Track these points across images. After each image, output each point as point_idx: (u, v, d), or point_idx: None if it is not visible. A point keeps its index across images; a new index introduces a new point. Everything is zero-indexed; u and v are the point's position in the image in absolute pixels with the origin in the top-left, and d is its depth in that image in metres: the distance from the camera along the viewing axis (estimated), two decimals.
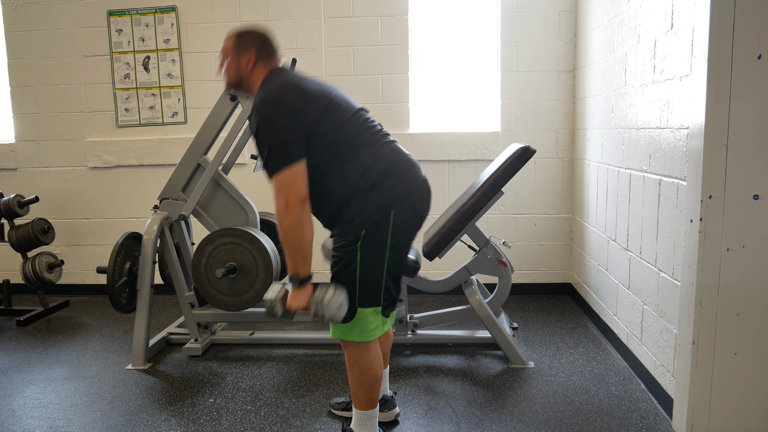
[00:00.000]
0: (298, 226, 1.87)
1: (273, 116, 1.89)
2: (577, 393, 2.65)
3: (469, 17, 4.11)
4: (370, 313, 2.01)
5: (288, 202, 1.86)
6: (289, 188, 1.87)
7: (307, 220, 1.90)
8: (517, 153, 2.85)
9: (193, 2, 4.13)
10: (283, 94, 1.92)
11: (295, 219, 1.86)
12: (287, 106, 1.89)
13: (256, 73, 2.08)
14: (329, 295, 1.90)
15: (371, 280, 1.98)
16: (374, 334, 2.04)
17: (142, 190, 4.30)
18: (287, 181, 1.87)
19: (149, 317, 3.07)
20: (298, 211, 1.87)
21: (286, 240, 1.90)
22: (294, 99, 1.91)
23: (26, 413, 2.58)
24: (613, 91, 3.16)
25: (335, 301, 1.90)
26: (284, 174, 1.87)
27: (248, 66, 2.07)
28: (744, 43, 1.98)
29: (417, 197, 2.04)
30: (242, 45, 2.07)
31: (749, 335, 2.11)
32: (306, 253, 1.91)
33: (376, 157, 1.97)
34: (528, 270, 4.18)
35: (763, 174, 2.03)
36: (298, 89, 1.95)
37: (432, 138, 4.07)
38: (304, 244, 1.89)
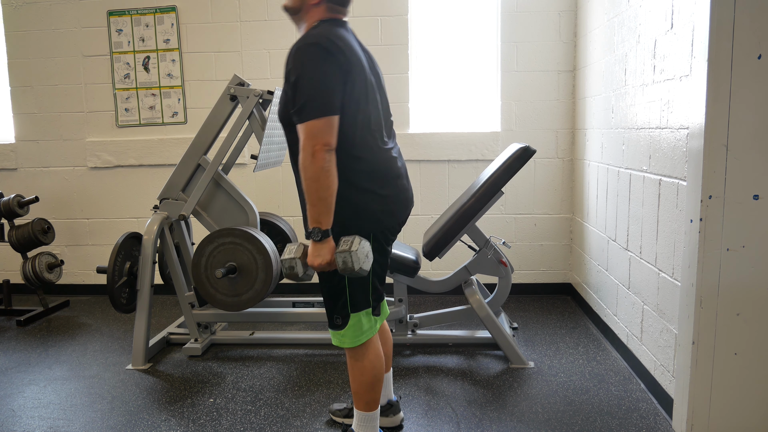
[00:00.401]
0: (324, 173, 1.77)
1: (318, 59, 1.78)
2: (577, 393, 2.65)
3: (469, 17, 4.11)
4: (362, 315, 2.01)
5: (315, 149, 1.76)
6: (318, 137, 1.76)
7: (333, 170, 1.79)
8: (517, 153, 2.85)
9: (193, 2, 4.13)
10: (332, 41, 1.81)
11: (321, 166, 1.76)
12: (340, 58, 1.80)
13: (316, 10, 1.94)
14: (356, 244, 1.80)
15: (359, 286, 1.97)
16: (369, 334, 2.04)
17: (142, 190, 4.31)
18: (318, 129, 1.76)
19: (149, 317, 3.07)
20: (325, 159, 1.76)
21: (310, 189, 1.79)
22: (343, 53, 1.81)
23: (26, 413, 2.58)
24: (613, 91, 3.16)
25: (362, 250, 1.81)
26: (318, 122, 1.76)
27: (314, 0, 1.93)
28: (744, 43, 1.98)
29: (397, 207, 2.01)
30: None
31: (749, 335, 2.11)
32: (330, 203, 1.80)
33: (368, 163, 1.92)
34: (528, 270, 4.18)
35: (763, 174, 2.03)
36: (350, 49, 1.85)
37: (432, 138, 4.08)
38: (329, 192, 1.79)
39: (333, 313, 2.01)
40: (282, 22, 4.09)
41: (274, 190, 4.24)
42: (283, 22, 4.09)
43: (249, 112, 3.03)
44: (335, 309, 2.00)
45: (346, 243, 1.81)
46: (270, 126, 2.97)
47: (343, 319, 1.99)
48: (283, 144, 3.25)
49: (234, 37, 4.13)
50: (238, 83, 3.03)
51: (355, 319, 2.00)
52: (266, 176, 4.21)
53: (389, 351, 2.34)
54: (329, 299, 2.01)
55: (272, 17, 4.09)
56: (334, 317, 2.01)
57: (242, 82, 3.03)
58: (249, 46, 4.13)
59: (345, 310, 1.98)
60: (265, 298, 3.02)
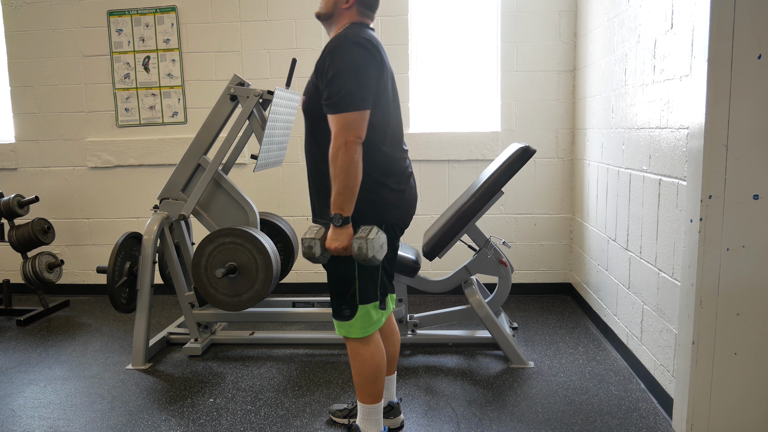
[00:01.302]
0: (354, 164, 1.86)
1: (357, 56, 1.88)
2: (577, 393, 2.65)
3: (469, 17, 4.11)
4: (370, 308, 2.05)
5: (348, 140, 1.85)
6: (352, 129, 1.85)
7: (360, 162, 1.89)
8: (517, 153, 2.85)
9: (193, 2, 4.13)
10: (370, 43, 1.91)
11: (352, 157, 1.85)
12: (377, 56, 1.91)
13: (348, 14, 2.03)
14: (374, 233, 1.90)
15: (368, 278, 2.03)
16: (377, 326, 2.09)
17: (142, 190, 4.31)
18: (352, 122, 1.86)
19: (149, 317, 3.07)
20: (356, 150, 1.86)
21: (338, 178, 1.87)
22: (378, 54, 1.93)
23: (26, 413, 2.58)
24: (613, 91, 3.16)
25: (378, 240, 1.90)
26: (353, 115, 1.86)
27: (346, 4, 2.01)
28: (744, 43, 1.98)
29: (408, 205, 2.11)
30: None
31: (749, 335, 2.11)
32: (355, 192, 1.90)
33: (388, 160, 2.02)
34: (528, 270, 4.18)
35: (763, 174, 2.03)
36: (380, 51, 1.95)
37: (432, 138, 4.08)
38: (355, 182, 1.88)
39: (341, 304, 2.05)
40: (282, 22, 4.09)
41: (274, 190, 4.24)
42: (283, 22, 4.09)
43: (249, 112, 3.03)
44: (343, 300, 2.04)
45: (364, 231, 1.91)
46: (270, 126, 2.97)
47: (351, 310, 2.03)
48: (283, 144, 3.25)
49: (234, 37, 4.13)
50: (238, 83, 3.03)
51: (363, 311, 2.04)
52: (266, 176, 4.21)
53: (396, 352, 2.34)
54: (338, 290, 2.06)
55: (272, 17, 4.09)
56: (342, 308, 2.05)
57: (242, 82, 3.03)
58: (249, 46, 4.13)
59: (353, 301, 2.03)
60: (265, 298, 3.02)
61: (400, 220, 2.08)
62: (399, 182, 2.05)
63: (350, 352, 2.10)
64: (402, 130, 2.13)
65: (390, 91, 2.02)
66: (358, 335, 2.06)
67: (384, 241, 1.93)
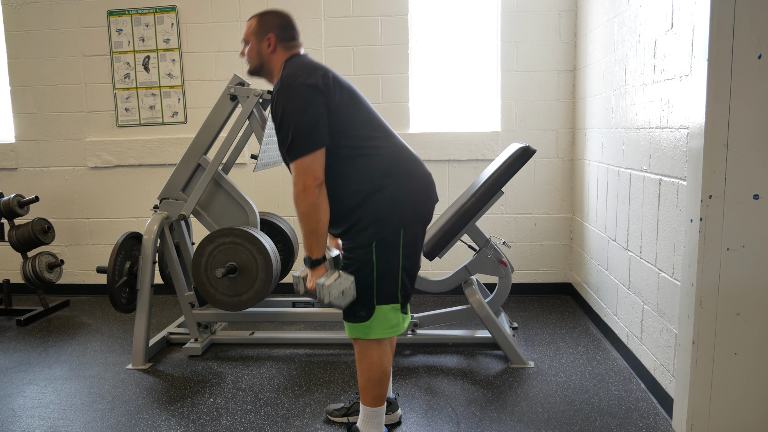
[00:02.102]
0: (315, 209, 1.91)
1: (298, 96, 1.90)
2: (577, 393, 2.65)
3: (469, 17, 4.11)
4: (388, 310, 2.02)
5: (306, 185, 1.89)
6: (308, 173, 1.89)
7: (323, 204, 1.93)
8: (517, 153, 2.85)
9: (193, 2, 4.13)
10: (308, 73, 1.93)
11: (312, 202, 1.90)
12: (312, 84, 1.91)
13: (276, 56, 2.08)
14: (330, 281, 1.93)
15: (388, 278, 2.00)
16: (397, 330, 2.06)
17: (142, 190, 4.30)
18: (307, 166, 1.90)
19: (149, 317, 3.07)
20: (315, 194, 1.90)
21: (302, 222, 1.94)
22: (320, 77, 1.92)
23: (26, 413, 2.58)
24: (613, 90, 3.16)
25: (336, 287, 1.94)
26: (305, 160, 1.89)
27: (269, 50, 2.07)
28: (744, 43, 1.98)
29: (421, 197, 2.06)
30: (263, 29, 2.09)
31: (749, 335, 2.11)
32: (320, 236, 1.95)
33: (386, 159, 2.00)
34: (528, 270, 4.18)
35: (763, 174, 2.03)
36: (323, 69, 1.97)
37: (432, 138, 4.07)
38: (319, 226, 1.93)
39: (356, 305, 2.02)
40: None
41: (274, 190, 4.24)
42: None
43: (249, 111, 3.03)
44: (359, 302, 2.01)
45: (326, 276, 1.97)
46: (270, 126, 2.97)
47: (368, 311, 2.01)
48: None
49: (234, 37, 4.13)
50: (238, 83, 3.03)
51: (381, 311, 2.01)
52: (266, 176, 4.21)
53: (393, 348, 2.34)
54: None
55: None
56: (357, 310, 2.02)
57: (242, 82, 3.03)
58: None
59: (371, 302, 2.00)
60: (265, 298, 3.02)
61: (417, 214, 2.03)
62: (400, 178, 2.00)
63: (358, 354, 2.09)
64: (382, 123, 2.09)
65: (352, 92, 2.02)
66: (378, 336, 2.03)
67: (347, 287, 1.95)
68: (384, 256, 1.97)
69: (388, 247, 1.97)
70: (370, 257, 1.96)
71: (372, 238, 1.96)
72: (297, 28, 2.14)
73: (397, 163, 2.02)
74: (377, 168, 1.98)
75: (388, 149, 2.02)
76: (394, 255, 1.99)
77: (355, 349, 2.10)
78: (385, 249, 1.97)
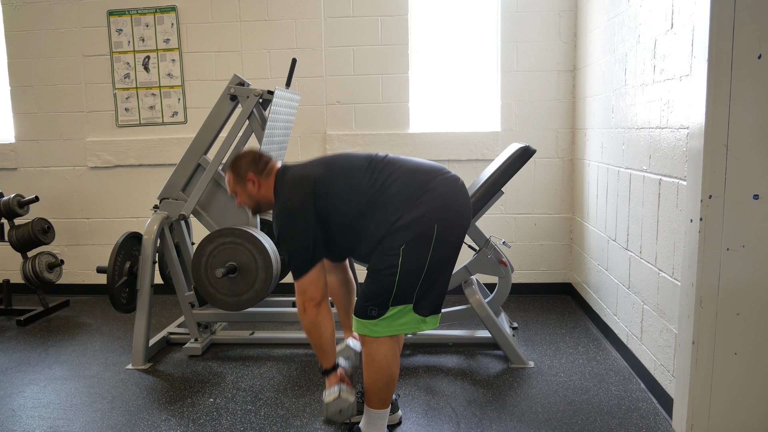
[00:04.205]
0: (315, 326, 2.09)
1: (291, 225, 2.05)
2: (577, 393, 2.65)
3: (469, 17, 4.11)
4: (398, 310, 2.03)
5: (305, 305, 2.07)
6: (306, 293, 2.07)
7: (323, 320, 2.09)
8: (517, 153, 2.85)
9: (193, 2, 4.13)
10: (293, 194, 2.07)
11: (311, 321, 2.08)
12: (298, 207, 2.05)
13: (264, 188, 2.20)
14: (330, 399, 2.11)
15: (409, 281, 2.00)
16: (404, 329, 2.06)
17: (142, 190, 4.30)
18: (304, 287, 2.07)
19: (149, 317, 3.07)
20: (314, 313, 2.07)
21: (309, 338, 2.13)
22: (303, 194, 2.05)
23: (26, 413, 2.58)
24: (613, 90, 3.16)
25: (334, 406, 2.11)
26: (302, 280, 2.06)
27: (256, 187, 2.19)
28: (744, 43, 1.98)
29: (457, 197, 2.08)
30: (241, 174, 2.20)
31: (749, 335, 2.11)
32: (325, 348, 2.12)
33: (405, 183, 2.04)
34: (528, 270, 4.18)
35: (763, 174, 2.03)
36: (306, 181, 2.08)
37: (432, 138, 4.07)
38: (322, 341, 2.11)
39: (368, 306, 2.04)
40: (282, 21, 4.09)
41: None
42: (283, 22, 4.09)
43: (249, 111, 3.03)
44: (374, 302, 2.03)
45: (328, 392, 2.14)
46: (270, 126, 2.97)
47: (379, 310, 2.02)
48: (283, 144, 3.25)
49: (234, 37, 4.13)
50: (238, 83, 3.03)
51: (392, 312, 2.02)
52: None
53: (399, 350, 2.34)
54: (372, 293, 2.03)
55: (272, 17, 4.09)
56: (368, 309, 2.04)
57: (242, 81, 3.03)
58: (249, 46, 4.13)
59: (386, 303, 2.02)
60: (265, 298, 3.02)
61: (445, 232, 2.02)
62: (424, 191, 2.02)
63: (366, 356, 2.09)
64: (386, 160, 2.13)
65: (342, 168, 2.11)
66: (383, 334, 2.03)
67: (345, 407, 2.11)
68: (410, 259, 1.98)
69: (416, 251, 1.98)
70: (396, 260, 1.98)
71: (402, 240, 1.98)
72: (266, 155, 2.25)
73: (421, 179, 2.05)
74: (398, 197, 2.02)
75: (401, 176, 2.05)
76: (422, 259, 1.99)
77: (363, 351, 2.10)
78: (412, 252, 1.98)
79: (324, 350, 2.12)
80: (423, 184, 2.03)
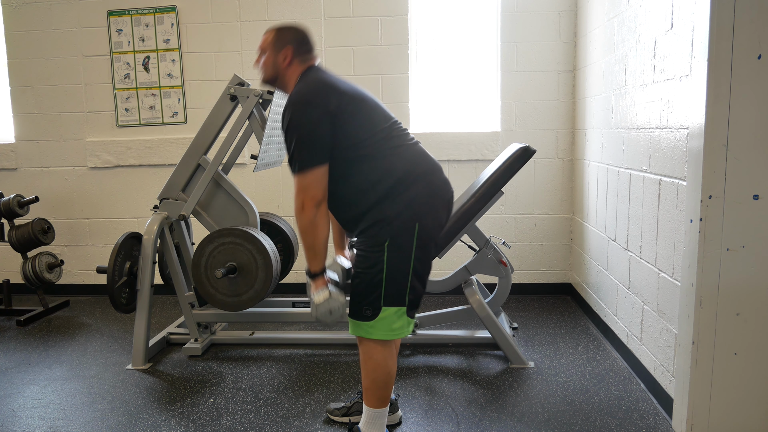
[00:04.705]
0: (312, 226, 1.97)
1: (304, 115, 1.94)
2: (577, 393, 2.65)
3: (469, 17, 4.11)
4: (393, 312, 2.02)
5: (304, 203, 1.96)
6: (307, 191, 1.96)
7: (321, 221, 1.99)
8: (517, 153, 2.85)
9: (193, 2, 4.13)
10: (317, 92, 1.97)
11: (310, 220, 1.97)
12: (320, 104, 1.94)
13: (292, 69, 2.11)
14: (320, 299, 2.03)
15: (397, 280, 2.00)
16: (399, 334, 2.06)
17: (142, 190, 4.30)
18: (306, 184, 1.96)
19: (149, 317, 3.07)
20: (313, 213, 1.96)
21: (302, 238, 2.02)
22: (327, 97, 1.96)
23: (26, 413, 2.58)
24: (613, 91, 3.16)
25: (324, 306, 2.03)
26: (305, 176, 1.95)
27: (285, 62, 2.10)
28: (744, 43, 1.98)
29: (440, 202, 2.07)
30: (280, 41, 2.12)
31: (749, 335, 2.11)
32: (318, 251, 2.01)
33: (402, 160, 2.01)
34: (528, 270, 4.18)
35: (763, 174, 2.03)
36: (332, 87, 2.00)
37: (432, 138, 4.07)
38: (316, 242, 2.00)
39: (362, 304, 2.03)
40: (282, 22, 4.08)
41: (274, 190, 4.24)
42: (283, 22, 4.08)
43: (249, 112, 3.03)
44: (366, 301, 2.02)
45: (317, 293, 2.05)
46: (270, 126, 2.97)
47: (374, 311, 2.01)
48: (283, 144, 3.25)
49: (234, 37, 4.13)
50: (238, 83, 3.03)
51: (386, 313, 2.01)
52: (266, 176, 4.21)
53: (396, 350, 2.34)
54: (362, 291, 2.03)
55: (272, 17, 4.09)
56: (363, 309, 2.03)
57: (242, 82, 3.03)
58: (249, 46, 4.13)
59: (378, 302, 2.01)
60: (265, 298, 3.02)
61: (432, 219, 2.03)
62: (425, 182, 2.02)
63: (363, 355, 2.09)
64: (399, 127, 2.10)
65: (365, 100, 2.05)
66: (380, 337, 2.03)
67: (335, 307, 2.03)
68: (395, 256, 1.98)
69: (401, 248, 1.98)
70: (382, 257, 1.97)
71: (386, 236, 1.97)
72: (313, 42, 2.17)
73: (416, 166, 2.03)
74: (393, 169, 1.99)
75: (406, 151, 2.04)
76: (406, 256, 1.99)
77: (360, 350, 2.10)
78: (397, 249, 1.98)
79: (316, 252, 2.01)
80: (418, 172, 2.02)
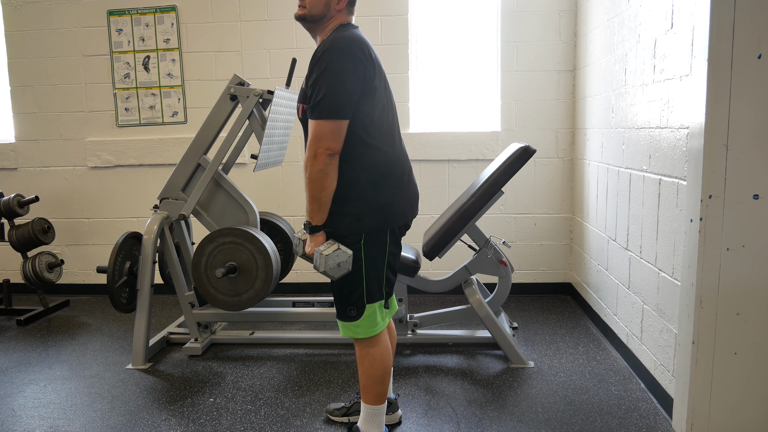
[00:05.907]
0: (322, 176, 1.89)
1: (344, 62, 1.85)
2: (577, 393, 2.65)
3: (469, 17, 4.11)
4: (377, 308, 2.05)
5: (318, 152, 1.87)
6: (323, 141, 1.86)
7: (332, 172, 1.90)
8: (517, 153, 2.85)
9: (193, 2, 4.13)
10: (359, 48, 1.89)
11: (321, 168, 1.88)
12: (359, 59, 1.88)
13: (339, 16, 2.01)
14: (329, 251, 1.94)
15: (374, 276, 2.02)
16: (382, 326, 2.08)
17: (142, 190, 4.31)
18: (324, 133, 1.86)
19: (149, 317, 3.07)
20: (325, 162, 1.87)
21: (308, 187, 1.92)
22: (366, 57, 1.90)
23: (26, 413, 2.58)
24: (613, 90, 3.16)
25: (333, 259, 1.94)
26: (325, 125, 1.86)
27: (340, 5, 2.00)
28: (744, 43, 1.98)
29: (405, 205, 2.09)
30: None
31: (749, 335, 2.11)
32: (323, 203, 1.93)
33: (388, 159, 2.01)
34: (528, 270, 4.18)
35: (763, 174, 2.03)
36: (371, 52, 1.94)
37: (432, 138, 4.07)
38: (323, 194, 1.91)
39: (346, 305, 2.04)
40: (282, 21, 4.09)
41: (274, 190, 4.24)
42: (283, 22, 4.09)
43: (249, 111, 3.03)
44: (349, 301, 2.03)
45: (325, 245, 1.95)
46: (270, 126, 2.97)
47: (358, 310, 2.02)
48: (283, 144, 3.25)
49: (234, 37, 4.13)
50: (238, 83, 3.03)
51: (370, 310, 2.03)
52: (266, 176, 4.21)
53: (394, 349, 2.35)
54: (343, 291, 2.04)
55: (272, 17, 4.09)
56: (347, 309, 2.04)
57: (242, 81, 3.03)
58: (249, 46, 4.13)
59: (361, 301, 2.02)
60: (265, 298, 3.02)
61: (400, 220, 2.06)
62: (399, 182, 2.04)
63: (359, 353, 2.10)
64: (398, 127, 2.13)
65: (387, 89, 2.03)
66: (363, 335, 2.05)
67: (344, 260, 1.94)
68: (371, 254, 2.00)
69: (376, 247, 2.00)
70: (359, 255, 1.98)
71: (359, 231, 1.97)
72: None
73: (396, 168, 2.03)
74: (378, 165, 1.98)
75: (393, 152, 2.03)
76: (381, 254, 2.02)
77: (356, 348, 2.11)
78: (372, 248, 1.99)
79: (321, 204, 1.93)
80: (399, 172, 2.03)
